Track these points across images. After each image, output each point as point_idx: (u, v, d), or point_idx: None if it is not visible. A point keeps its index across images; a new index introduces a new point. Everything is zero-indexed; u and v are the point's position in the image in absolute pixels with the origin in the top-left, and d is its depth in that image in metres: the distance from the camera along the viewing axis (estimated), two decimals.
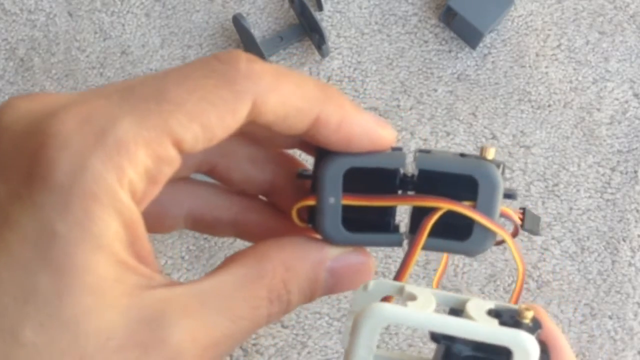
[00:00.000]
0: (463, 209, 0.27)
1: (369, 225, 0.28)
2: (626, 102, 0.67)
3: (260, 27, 0.67)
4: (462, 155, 0.28)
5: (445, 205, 0.27)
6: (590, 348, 0.60)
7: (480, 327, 0.24)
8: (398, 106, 0.65)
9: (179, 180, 0.30)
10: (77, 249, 0.22)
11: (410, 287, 0.27)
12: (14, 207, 0.23)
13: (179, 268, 0.60)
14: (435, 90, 0.66)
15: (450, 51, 0.67)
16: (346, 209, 0.28)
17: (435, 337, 0.25)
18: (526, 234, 0.62)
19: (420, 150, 0.29)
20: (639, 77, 0.67)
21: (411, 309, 0.25)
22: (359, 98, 0.65)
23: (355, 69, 0.66)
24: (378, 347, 0.25)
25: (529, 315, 0.26)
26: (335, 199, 0.28)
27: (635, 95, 0.67)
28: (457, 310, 0.27)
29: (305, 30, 0.65)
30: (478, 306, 0.26)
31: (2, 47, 0.64)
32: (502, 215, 0.28)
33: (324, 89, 0.27)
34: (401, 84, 0.66)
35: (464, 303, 0.26)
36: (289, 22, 0.67)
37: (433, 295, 0.26)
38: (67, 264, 0.22)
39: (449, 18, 0.66)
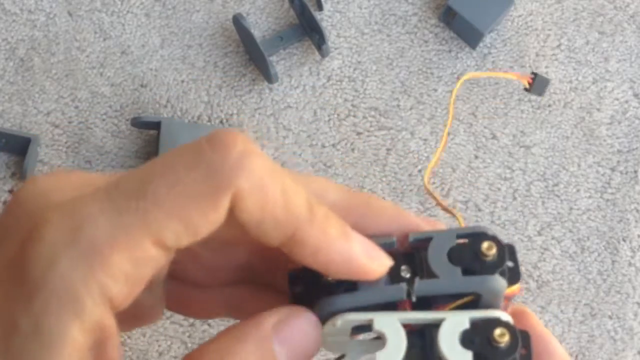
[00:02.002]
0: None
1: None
2: (626, 102, 0.67)
3: (260, 27, 0.66)
4: (460, 250, 0.26)
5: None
6: (590, 348, 0.60)
7: None
8: (398, 106, 0.65)
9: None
10: (33, 348, 0.22)
11: (379, 323, 0.26)
12: None
13: None
14: (435, 90, 0.66)
15: (450, 51, 0.67)
16: None
17: None
18: (526, 238, 0.63)
19: (413, 265, 0.27)
20: (639, 77, 0.67)
21: None
22: (359, 98, 0.65)
23: (355, 69, 0.66)
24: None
25: (506, 349, 0.25)
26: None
27: (635, 95, 0.67)
28: (433, 326, 0.26)
29: (305, 30, 0.65)
30: (452, 331, 0.25)
31: (2, 47, 0.64)
32: (505, 296, 0.27)
33: (309, 206, 0.25)
34: (401, 84, 0.66)
35: (439, 323, 0.26)
36: (289, 22, 0.67)
37: (403, 330, 0.25)
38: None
39: (449, 18, 0.66)
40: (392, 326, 0.25)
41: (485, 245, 0.26)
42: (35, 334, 0.22)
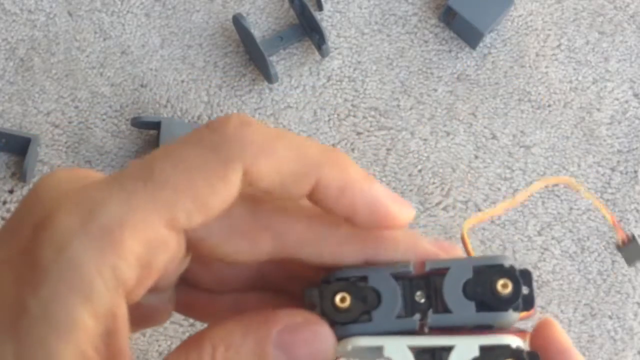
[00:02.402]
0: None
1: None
2: (626, 102, 0.67)
3: (260, 27, 0.66)
4: (475, 284, 0.27)
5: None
6: (590, 348, 0.60)
7: None
8: (398, 106, 0.65)
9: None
10: (41, 331, 0.22)
11: (389, 350, 0.26)
12: (5, 271, 0.23)
13: None
14: (435, 90, 0.66)
15: (450, 51, 0.67)
16: None
17: None
18: (526, 238, 0.63)
19: (428, 295, 0.27)
20: (639, 77, 0.67)
21: None
22: (359, 98, 0.65)
23: (355, 69, 0.66)
24: None
25: None
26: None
27: (635, 95, 0.67)
28: (443, 349, 0.26)
29: (305, 30, 0.65)
30: (462, 357, 0.25)
31: (2, 47, 0.64)
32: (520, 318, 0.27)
33: (325, 151, 0.25)
34: (401, 84, 0.66)
35: (449, 350, 0.26)
36: (289, 22, 0.67)
37: (413, 356, 0.25)
38: (30, 343, 0.22)
39: (449, 18, 0.66)
40: (402, 354, 0.26)
41: (500, 282, 0.26)
42: (44, 317, 0.22)
